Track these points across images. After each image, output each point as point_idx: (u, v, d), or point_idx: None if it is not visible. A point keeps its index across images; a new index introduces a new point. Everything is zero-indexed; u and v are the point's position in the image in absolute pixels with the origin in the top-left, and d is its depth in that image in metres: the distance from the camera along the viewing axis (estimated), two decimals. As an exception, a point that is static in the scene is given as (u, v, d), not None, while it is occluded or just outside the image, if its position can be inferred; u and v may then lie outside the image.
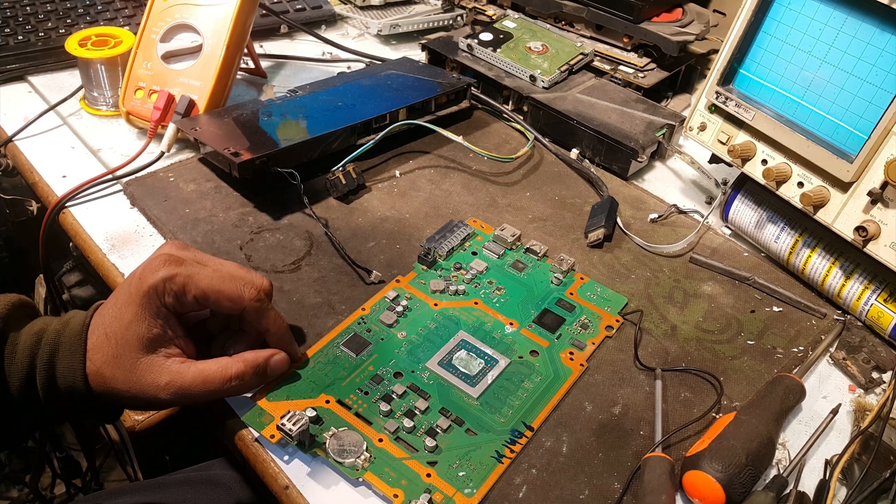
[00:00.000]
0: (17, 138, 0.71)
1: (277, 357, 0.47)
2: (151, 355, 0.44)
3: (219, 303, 0.45)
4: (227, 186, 0.67)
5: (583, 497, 0.45)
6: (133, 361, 0.44)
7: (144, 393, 0.44)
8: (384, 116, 0.72)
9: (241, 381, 0.45)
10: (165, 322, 0.45)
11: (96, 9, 0.88)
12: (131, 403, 0.46)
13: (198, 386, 0.44)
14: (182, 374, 0.44)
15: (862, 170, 0.53)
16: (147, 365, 0.44)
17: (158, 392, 0.44)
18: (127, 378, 0.44)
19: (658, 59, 0.85)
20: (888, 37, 0.50)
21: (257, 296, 0.46)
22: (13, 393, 0.44)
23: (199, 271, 0.44)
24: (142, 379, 0.44)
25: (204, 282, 0.44)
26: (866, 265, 0.57)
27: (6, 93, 0.78)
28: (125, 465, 0.92)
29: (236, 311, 0.46)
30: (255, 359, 0.46)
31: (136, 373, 0.44)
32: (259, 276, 0.48)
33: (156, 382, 0.44)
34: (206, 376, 0.44)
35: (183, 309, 0.45)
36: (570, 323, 0.56)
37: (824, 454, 0.50)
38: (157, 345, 0.44)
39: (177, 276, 0.44)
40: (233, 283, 0.45)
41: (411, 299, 0.56)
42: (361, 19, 0.99)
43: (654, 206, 0.71)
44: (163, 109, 0.69)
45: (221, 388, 0.45)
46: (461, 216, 0.66)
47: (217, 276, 0.45)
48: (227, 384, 0.45)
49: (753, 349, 0.57)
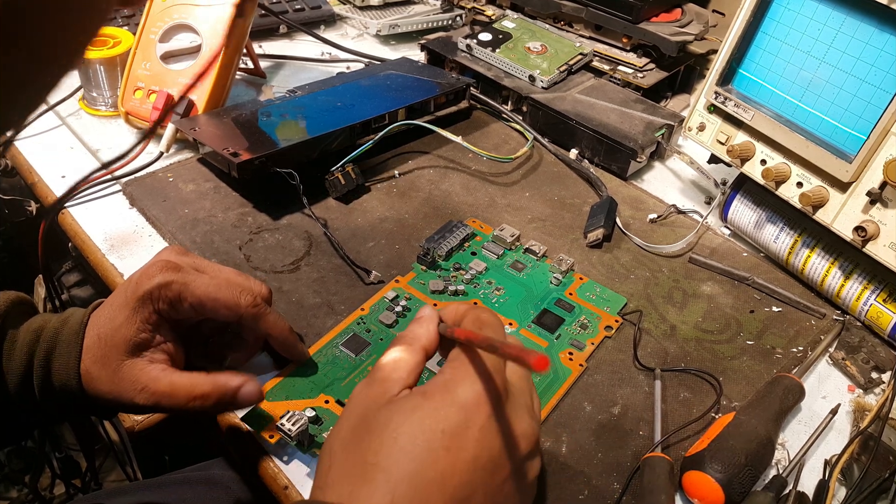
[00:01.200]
0: (17, 139, 0.71)
1: (248, 388, 0.44)
2: (136, 359, 0.44)
3: (215, 311, 0.45)
4: (227, 187, 0.67)
5: (582, 497, 0.45)
6: (117, 363, 0.44)
7: (123, 395, 0.44)
8: (383, 117, 0.72)
9: (203, 402, 0.43)
10: (155, 328, 0.45)
11: (95, 9, 0.88)
12: (114, 405, 0.46)
13: (166, 397, 0.43)
14: (157, 382, 0.44)
15: (861, 170, 0.53)
16: (129, 368, 0.44)
17: (135, 396, 0.44)
18: (110, 379, 0.44)
19: (657, 59, 0.85)
20: (887, 37, 0.50)
21: (254, 302, 0.45)
22: (11, 389, 0.44)
23: (195, 279, 0.44)
24: (122, 381, 0.44)
25: (200, 290, 0.44)
26: (865, 265, 0.57)
27: (5, 93, 0.78)
28: (124, 466, 0.92)
29: (234, 320, 0.46)
30: (224, 383, 0.44)
31: (118, 374, 0.44)
32: (257, 283, 0.47)
33: (133, 387, 0.44)
34: (174, 389, 0.43)
35: (178, 316, 0.45)
36: (569, 323, 0.56)
37: (823, 454, 0.50)
38: (142, 349, 0.44)
39: (173, 283, 0.44)
40: (229, 290, 0.45)
41: (410, 300, 0.56)
42: (360, 19, 0.99)
43: (653, 206, 0.71)
44: (161, 109, 0.69)
45: (185, 405, 0.43)
46: (460, 216, 0.66)
47: (213, 285, 0.44)
48: (190, 402, 0.43)
49: (753, 349, 0.57)
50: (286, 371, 0.50)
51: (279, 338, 0.48)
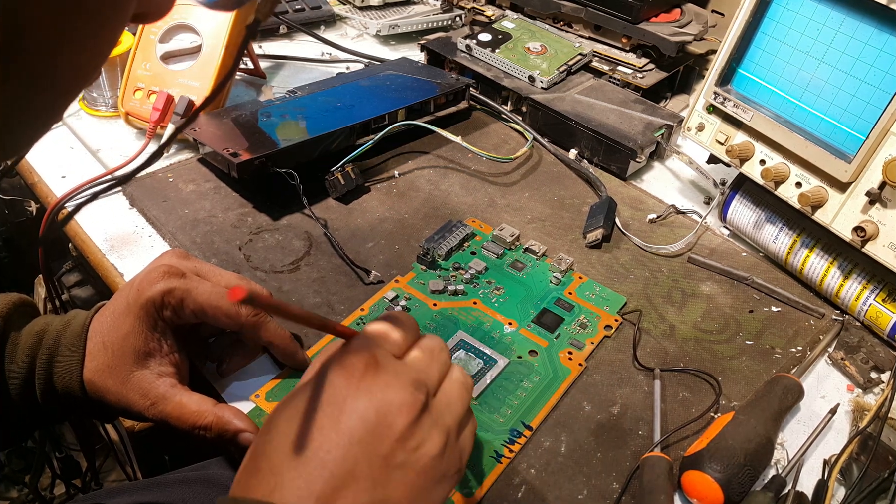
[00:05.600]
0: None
1: (246, 436, 0.44)
2: (144, 370, 0.44)
3: (216, 318, 0.45)
4: (227, 187, 0.67)
5: (581, 497, 0.45)
6: (126, 374, 0.44)
7: (132, 407, 0.44)
8: (383, 117, 0.72)
9: (206, 433, 0.44)
10: (162, 336, 0.45)
11: (95, 9, 0.88)
12: (120, 414, 0.46)
13: (173, 419, 0.44)
14: (166, 401, 0.44)
15: (860, 170, 0.53)
16: (138, 381, 0.44)
17: (144, 410, 0.44)
18: (118, 390, 0.44)
19: (656, 59, 0.85)
20: (886, 37, 0.51)
21: (254, 311, 0.46)
22: (12, 392, 0.44)
23: (197, 286, 0.44)
24: (130, 393, 0.44)
25: (202, 297, 0.44)
26: (864, 265, 0.57)
27: (5, 93, 0.78)
28: (125, 465, 0.92)
29: (235, 327, 0.46)
30: (227, 423, 0.44)
31: (126, 386, 0.44)
32: (259, 289, 0.48)
33: (142, 401, 0.44)
34: (181, 413, 0.44)
35: (180, 321, 0.45)
36: (568, 322, 0.56)
37: (823, 454, 0.50)
38: (151, 359, 0.44)
39: (175, 290, 0.44)
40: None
41: (410, 299, 0.57)
42: (360, 20, 0.99)
43: (652, 206, 0.71)
44: (162, 110, 0.69)
45: (189, 431, 0.44)
46: (460, 216, 0.66)
47: (215, 292, 0.44)
48: (194, 430, 0.44)
49: (752, 349, 0.57)
50: (286, 372, 0.50)
51: (280, 346, 0.48)
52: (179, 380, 0.45)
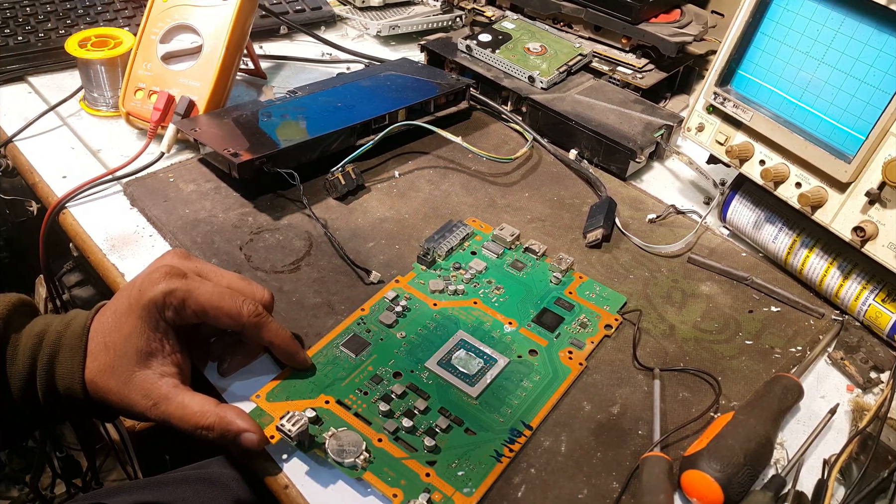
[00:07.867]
0: (17, 139, 0.71)
1: (248, 436, 0.44)
2: (147, 371, 0.44)
3: (218, 319, 0.45)
4: (227, 187, 0.67)
5: (581, 496, 0.45)
6: (128, 374, 0.44)
7: (134, 407, 0.44)
8: (383, 117, 0.72)
9: (208, 433, 0.44)
10: (164, 336, 0.45)
11: (96, 9, 0.88)
12: (122, 414, 0.46)
13: (176, 419, 0.44)
14: (168, 401, 0.44)
15: (860, 170, 0.53)
16: (141, 381, 0.44)
17: (146, 410, 0.44)
18: (120, 390, 0.44)
19: (656, 59, 0.85)
20: (886, 37, 0.51)
21: (255, 311, 0.46)
22: (14, 393, 0.44)
23: (199, 286, 0.44)
24: (133, 394, 0.44)
25: (203, 297, 0.44)
26: (864, 265, 0.57)
27: (6, 93, 0.78)
28: (125, 465, 0.92)
29: (236, 328, 0.46)
30: (230, 421, 0.44)
31: (129, 386, 0.44)
32: (260, 289, 0.48)
33: (145, 402, 0.44)
34: (183, 413, 0.44)
35: (182, 321, 0.45)
36: (569, 322, 0.56)
37: (822, 454, 0.50)
38: (153, 359, 0.44)
39: (177, 290, 0.44)
40: (232, 299, 0.45)
41: (410, 299, 0.57)
42: (361, 20, 0.99)
43: (652, 206, 0.71)
44: (162, 110, 0.69)
45: (191, 431, 0.44)
46: (460, 216, 0.66)
47: (217, 292, 0.45)
48: (197, 430, 0.44)
49: (751, 349, 0.57)
50: (286, 372, 0.50)
51: (280, 346, 0.48)
52: (181, 380, 0.45)
